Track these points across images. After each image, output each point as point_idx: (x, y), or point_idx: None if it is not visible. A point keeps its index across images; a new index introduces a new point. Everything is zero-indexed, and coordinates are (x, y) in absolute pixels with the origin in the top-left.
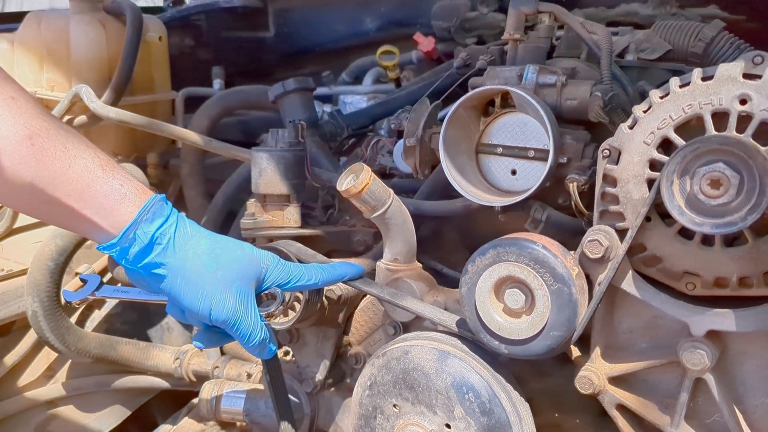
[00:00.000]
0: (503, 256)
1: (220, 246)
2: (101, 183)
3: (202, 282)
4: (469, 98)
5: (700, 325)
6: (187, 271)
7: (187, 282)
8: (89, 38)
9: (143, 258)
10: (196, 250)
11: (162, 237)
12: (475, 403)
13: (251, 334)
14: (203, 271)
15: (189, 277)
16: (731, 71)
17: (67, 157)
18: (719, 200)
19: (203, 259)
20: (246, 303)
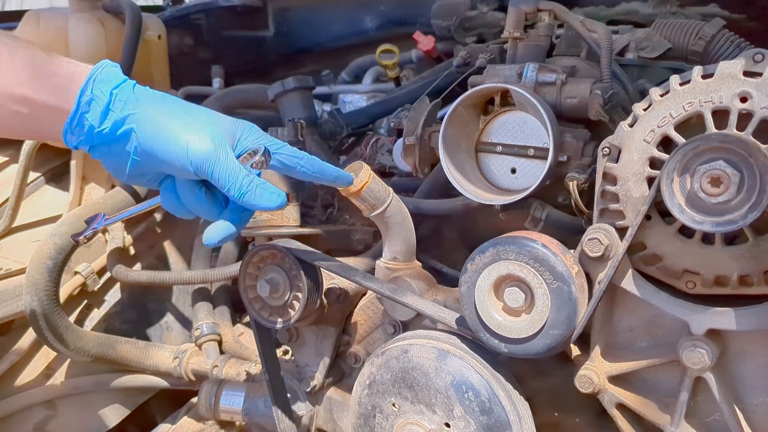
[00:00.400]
0: (503, 254)
1: (184, 101)
2: (48, 64)
3: (174, 125)
4: (468, 96)
5: (701, 324)
6: (158, 117)
7: (158, 127)
8: (88, 37)
9: (105, 117)
10: (163, 99)
11: (122, 93)
12: (474, 402)
13: (235, 177)
14: (174, 117)
15: (160, 122)
16: (732, 69)
17: (7, 49)
18: (719, 198)
19: (171, 107)
20: (224, 147)
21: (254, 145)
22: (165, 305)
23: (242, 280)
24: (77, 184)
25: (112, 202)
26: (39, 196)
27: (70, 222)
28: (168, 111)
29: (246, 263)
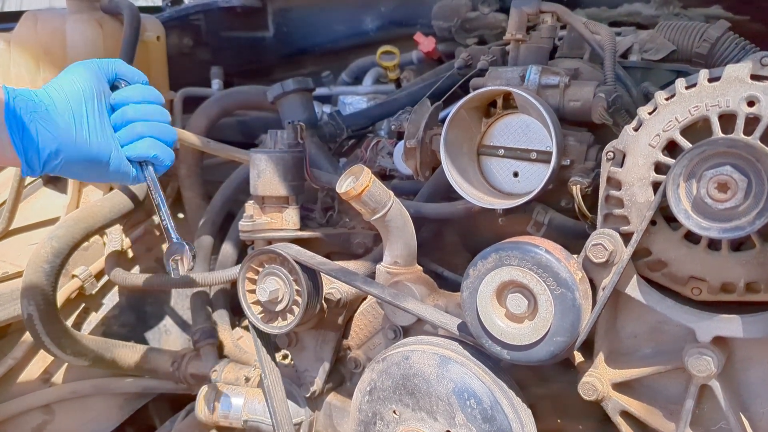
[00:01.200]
0: (506, 260)
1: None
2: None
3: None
4: (470, 99)
5: (707, 331)
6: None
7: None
8: (86, 38)
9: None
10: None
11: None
12: (476, 409)
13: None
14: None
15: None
16: (739, 72)
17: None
18: (726, 204)
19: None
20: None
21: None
22: (163, 309)
23: (241, 284)
24: (75, 187)
25: (110, 205)
26: (36, 198)
27: (68, 225)
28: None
29: (245, 267)
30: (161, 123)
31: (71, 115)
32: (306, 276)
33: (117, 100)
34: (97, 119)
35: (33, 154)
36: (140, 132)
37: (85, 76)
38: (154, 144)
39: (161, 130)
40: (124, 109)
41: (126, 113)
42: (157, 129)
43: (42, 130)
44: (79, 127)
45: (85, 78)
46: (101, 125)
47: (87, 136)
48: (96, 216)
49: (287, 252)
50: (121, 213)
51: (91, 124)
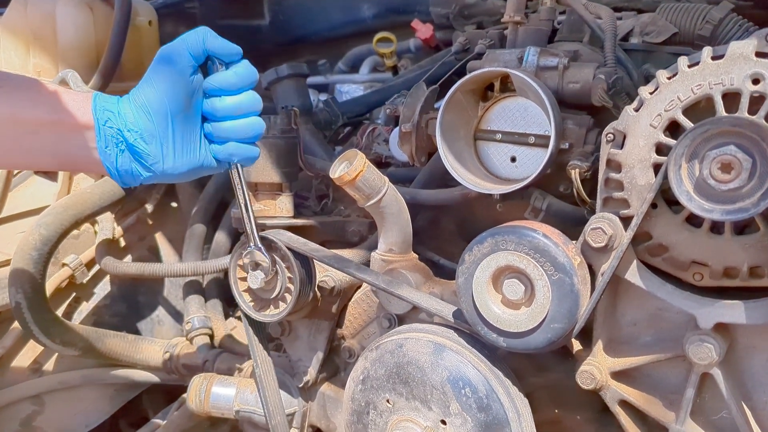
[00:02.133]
0: (502, 244)
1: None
2: (65, 95)
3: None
4: (467, 81)
5: (708, 318)
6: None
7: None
8: (76, 22)
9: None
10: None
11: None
12: (471, 398)
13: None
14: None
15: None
16: (743, 49)
17: (31, 88)
18: (730, 185)
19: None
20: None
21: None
22: (156, 298)
23: (232, 271)
24: (66, 174)
25: (100, 192)
26: (27, 186)
27: (56, 212)
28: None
29: (236, 254)
30: (249, 118)
31: (159, 141)
32: (298, 263)
33: (209, 88)
34: (187, 133)
35: (129, 179)
36: (226, 134)
37: (171, 80)
38: (237, 148)
39: (248, 127)
40: (214, 104)
41: (216, 109)
42: (243, 128)
43: (135, 164)
44: (166, 151)
45: (171, 83)
46: (191, 137)
47: (175, 155)
48: (85, 203)
49: (279, 238)
50: (112, 200)
51: (177, 142)
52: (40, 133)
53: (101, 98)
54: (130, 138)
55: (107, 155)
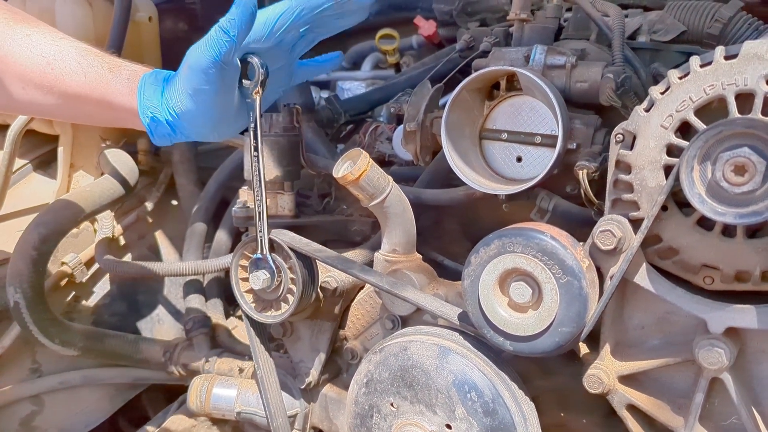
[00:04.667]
0: (509, 246)
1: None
2: (114, 83)
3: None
4: (473, 80)
5: (719, 322)
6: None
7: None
8: (75, 18)
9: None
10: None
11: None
12: (477, 402)
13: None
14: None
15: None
16: (758, 49)
17: (81, 69)
18: (743, 188)
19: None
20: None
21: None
22: (156, 297)
23: (234, 271)
24: (65, 172)
25: (99, 191)
26: (26, 183)
27: (55, 211)
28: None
29: (238, 254)
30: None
31: (200, 130)
32: (301, 263)
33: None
34: (225, 114)
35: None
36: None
37: (214, 96)
38: None
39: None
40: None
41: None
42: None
43: (175, 137)
44: (206, 132)
45: (213, 98)
46: (227, 116)
47: (213, 133)
48: (85, 201)
49: (281, 238)
50: (111, 199)
51: (216, 125)
52: (89, 107)
53: (146, 89)
54: (172, 125)
55: (152, 132)
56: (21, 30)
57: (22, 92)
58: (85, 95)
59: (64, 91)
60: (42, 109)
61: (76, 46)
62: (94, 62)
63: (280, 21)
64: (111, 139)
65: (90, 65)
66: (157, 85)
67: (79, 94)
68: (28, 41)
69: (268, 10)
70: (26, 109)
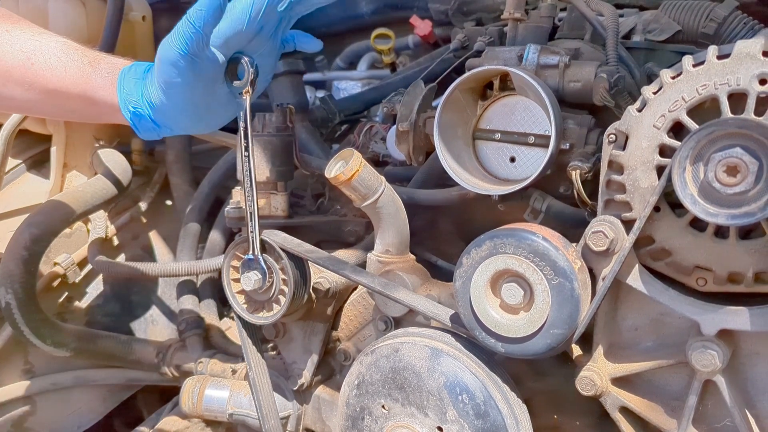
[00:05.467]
0: (500, 247)
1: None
2: (94, 77)
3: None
4: (465, 79)
5: (712, 324)
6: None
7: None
8: (68, 17)
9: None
10: None
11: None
12: (469, 404)
13: None
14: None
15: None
16: (750, 48)
17: (62, 64)
18: (736, 189)
19: None
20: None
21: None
22: (150, 298)
23: (225, 272)
24: (58, 172)
25: (92, 191)
26: (19, 183)
27: (47, 211)
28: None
29: (229, 255)
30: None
31: (181, 124)
32: (293, 264)
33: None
34: (206, 106)
35: (152, 137)
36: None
37: (194, 91)
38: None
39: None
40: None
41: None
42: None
43: (159, 130)
44: (187, 125)
45: (193, 94)
46: (209, 108)
47: (195, 125)
48: (77, 201)
49: (273, 239)
50: (104, 199)
51: (197, 117)
52: (70, 103)
53: (125, 83)
54: (150, 118)
55: (135, 125)
56: (0, 27)
57: (3, 89)
58: (65, 90)
59: (44, 87)
60: (24, 105)
61: (56, 41)
62: (74, 56)
63: (256, 6)
64: (104, 139)
65: (70, 59)
66: (137, 78)
67: (60, 90)
68: (7, 37)
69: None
70: (8, 106)
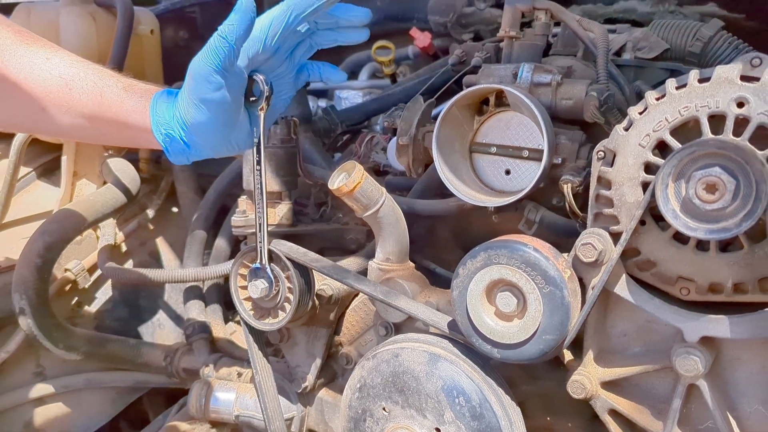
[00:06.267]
0: (494, 258)
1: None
2: (128, 102)
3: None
4: (463, 97)
5: (694, 331)
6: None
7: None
8: (79, 31)
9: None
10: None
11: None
12: (465, 407)
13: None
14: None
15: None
16: (728, 73)
17: (98, 89)
18: (714, 205)
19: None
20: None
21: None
22: (157, 303)
23: (233, 279)
24: (68, 180)
25: (103, 200)
26: (30, 191)
27: (60, 220)
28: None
29: (237, 263)
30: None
31: (209, 145)
32: (298, 273)
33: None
34: (233, 128)
35: (181, 160)
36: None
37: (222, 107)
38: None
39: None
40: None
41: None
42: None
43: (188, 153)
44: (216, 147)
45: (221, 110)
46: (235, 129)
47: (221, 147)
48: (89, 210)
49: (279, 249)
50: (114, 208)
51: (225, 139)
52: (106, 127)
53: (158, 106)
54: (182, 140)
55: (167, 149)
56: (41, 53)
57: (42, 113)
58: (101, 115)
59: (80, 111)
60: (61, 129)
61: (93, 68)
62: (109, 82)
63: (274, 26)
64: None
65: (105, 85)
66: (168, 101)
67: (96, 114)
68: (47, 64)
69: (262, 18)
70: (47, 130)
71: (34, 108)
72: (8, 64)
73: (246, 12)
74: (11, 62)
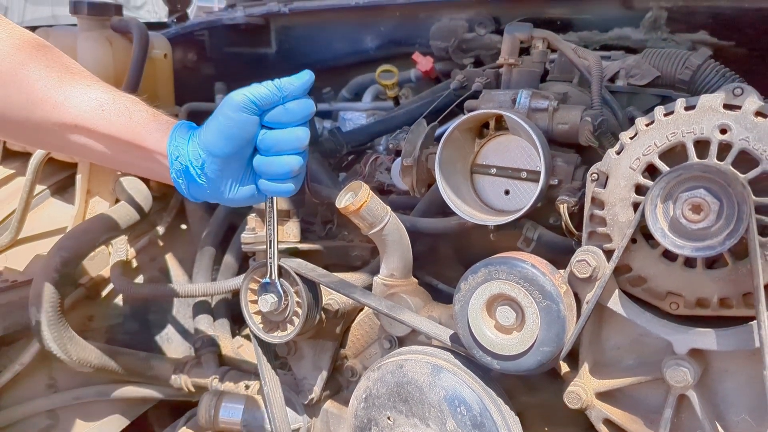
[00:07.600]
0: (494, 274)
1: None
2: (151, 124)
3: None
4: (464, 121)
5: (683, 344)
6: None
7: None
8: (96, 55)
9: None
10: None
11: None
12: (466, 416)
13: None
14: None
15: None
16: (712, 102)
17: (128, 112)
18: (700, 225)
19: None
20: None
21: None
22: (166, 317)
23: (243, 294)
24: (82, 198)
25: (117, 217)
26: (44, 208)
27: (76, 236)
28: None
29: (248, 278)
30: (283, 157)
31: (218, 179)
32: (306, 288)
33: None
34: (244, 169)
35: (197, 196)
36: (259, 169)
37: (236, 130)
38: (266, 185)
39: (279, 165)
40: (264, 139)
41: (264, 142)
42: (275, 165)
43: (200, 190)
44: (224, 186)
45: (236, 132)
46: (247, 172)
47: (231, 188)
48: (104, 227)
49: (289, 265)
50: (128, 224)
51: (235, 178)
52: (131, 152)
53: (177, 134)
54: (193, 173)
55: (177, 182)
56: (83, 81)
57: (72, 135)
58: (127, 140)
59: (108, 133)
60: (90, 153)
61: (127, 96)
62: (140, 107)
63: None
64: None
65: (136, 109)
66: (186, 131)
67: (123, 137)
68: (86, 90)
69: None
70: (77, 152)
71: (66, 131)
72: (55, 94)
73: (306, 82)
74: (57, 92)
